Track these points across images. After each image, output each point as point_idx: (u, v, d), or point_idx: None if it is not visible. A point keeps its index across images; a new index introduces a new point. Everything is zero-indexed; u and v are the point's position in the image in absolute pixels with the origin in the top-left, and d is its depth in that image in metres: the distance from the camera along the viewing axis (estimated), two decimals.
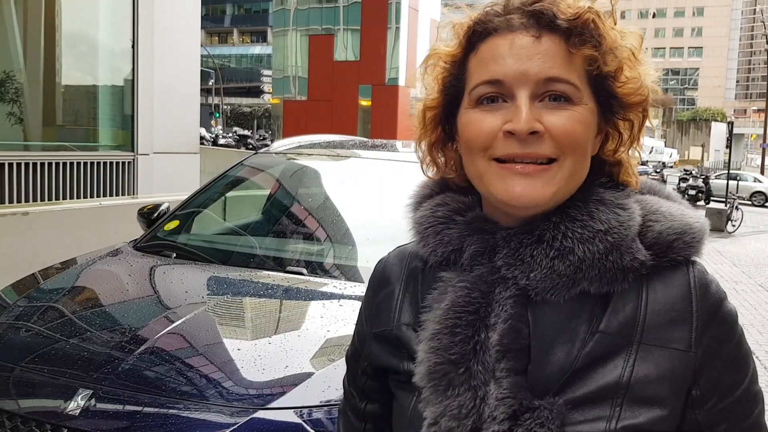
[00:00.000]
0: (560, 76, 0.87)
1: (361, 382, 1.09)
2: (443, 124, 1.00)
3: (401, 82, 26.95)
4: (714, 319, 0.89)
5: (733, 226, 17.62)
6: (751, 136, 74.93)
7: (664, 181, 29.65)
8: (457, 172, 1.03)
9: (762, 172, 41.54)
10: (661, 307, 0.88)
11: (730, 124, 28.01)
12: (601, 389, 0.85)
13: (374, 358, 1.04)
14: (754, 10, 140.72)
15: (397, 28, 26.80)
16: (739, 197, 22.67)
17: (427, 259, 1.00)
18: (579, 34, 0.88)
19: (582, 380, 0.86)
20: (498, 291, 0.90)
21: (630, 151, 0.98)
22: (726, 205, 18.48)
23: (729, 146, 27.72)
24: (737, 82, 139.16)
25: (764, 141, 44.08)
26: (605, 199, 0.92)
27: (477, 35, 0.93)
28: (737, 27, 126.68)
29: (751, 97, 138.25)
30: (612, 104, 0.94)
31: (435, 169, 1.05)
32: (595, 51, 0.89)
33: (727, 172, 25.62)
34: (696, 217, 0.95)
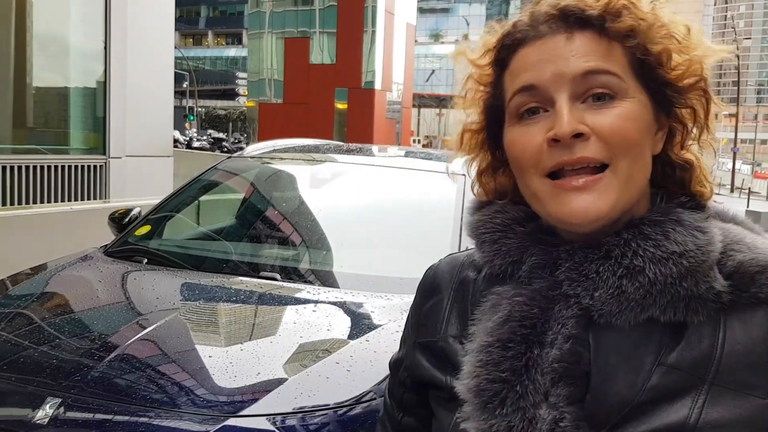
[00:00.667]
0: (598, 67, 0.81)
1: (399, 394, 1.05)
2: (492, 150, 0.96)
3: (377, 86, 27.01)
4: None
5: None
6: (723, 140, 76.25)
7: None
8: (507, 198, 0.98)
9: (733, 175, 42.21)
10: (740, 348, 0.79)
11: None
12: (665, 428, 0.78)
13: (415, 369, 0.99)
14: (725, 16, 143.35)
15: (373, 32, 26.86)
16: None
17: (482, 268, 0.94)
18: (613, 19, 0.83)
19: (644, 416, 0.79)
20: (558, 309, 0.83)
21: (703, 155, 0.90)
22: None
23: None
24: None
25: (735, 145, 44.82)
26: (683, 220, 0.83)
27: (506, 50, 0.89)
28: (709, 33, 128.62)
29: (722, 102, 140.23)
30: (666, 92, 0.86)
31: (485, 194, 1.00)
32: (635, 34, 0.83)
33: None
34: None
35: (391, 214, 3.33)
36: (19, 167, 7.07)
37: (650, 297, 0.80)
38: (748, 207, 22.15)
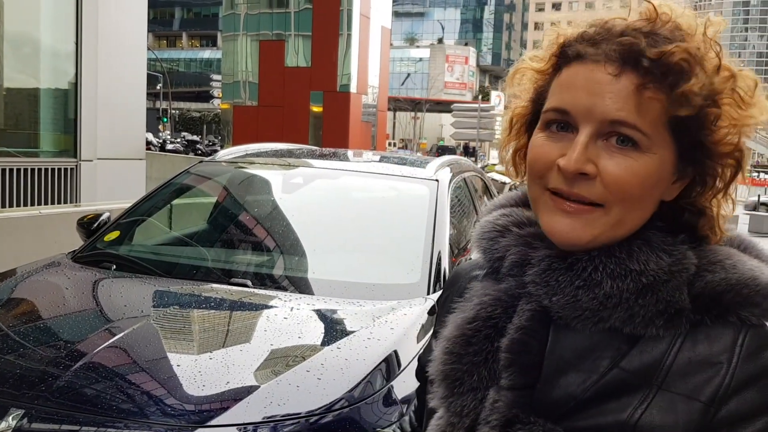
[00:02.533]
0: (627, 120, 0.82)
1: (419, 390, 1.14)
2: (528, 133, 0.97)
3: (353, 89, 26.98)
4: (754, 384, 0.80)
5: None
6: None
7: None
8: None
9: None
10: (693, 356, 0.81)
11: None
12: (606, 425, 0.81)
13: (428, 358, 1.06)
14: None
15: (349, 35, 26.83)
16: None
17: (482, 266, 1.01)
18: (658, 74, 0.82)
19: (587, 411, 0.82)
20: (521, 303, 0.90)
21: (721, 204, 0.89)
22: None
23: None
24: None
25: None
26: (651, 241, 0.86)
27: (565, 57, 0.89)
28: None
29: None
30: (698, 151, 0.86)
31: (515, 173, 1.03)
32: (681, 94, 0.82)
33: None
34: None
35: (365, 220, 3.32)
36: None
37: (605, 309, 0.84)
38: None
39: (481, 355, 0.90)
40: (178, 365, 2.13)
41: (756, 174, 52.10)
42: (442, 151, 44.69)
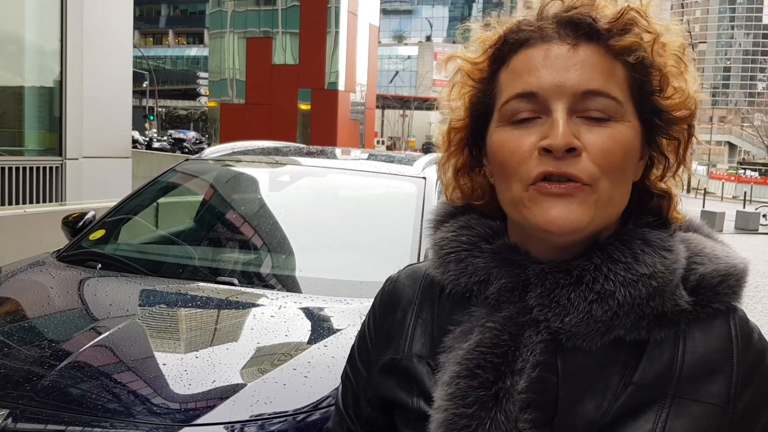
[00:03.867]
0: (600, 88, 0.80)
1: (366, 413, 1.01)
2: (470, 147, 0.94)
3: (341, 87, 26.98)
4: (757, 373, 0.82)
5: None
6: None
7: None
8: (485, 199, 0.96)
9: (689, 177, 43.04)
10: (698, 357, 0.81)
11: None
12: None
13: (381, 388, 0.97)
14: (682, 20, 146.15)
15: (337, 33, 26.81)
16: None
17: (446, 287, 0.92)
18: (620, 35, 0.81)
19: None
20: (527, 334, 0.83)
21: (679, 179, 0.91)
22: None
23: None
24: None
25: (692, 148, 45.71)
26: (651, 240, 0.84)
27: (508, 47, 0.86)
28: None
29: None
30: (656, 120, 0.86)
31: (460, 194, 0.97)
32: (638, 55, 0.82)
33: None
34: (740, 258, 0.88)
35: (352, 217, 3.32)
36: None
37: (617, 319, 0.81)
38: (703, 207, 22.67)
39: (491, 390, 0.82)
40: (164, 364, 2.12)
41: (742, 171, 52.48)
42: (427, 148, 44.71)
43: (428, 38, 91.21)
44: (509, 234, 0.90)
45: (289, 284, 2.85)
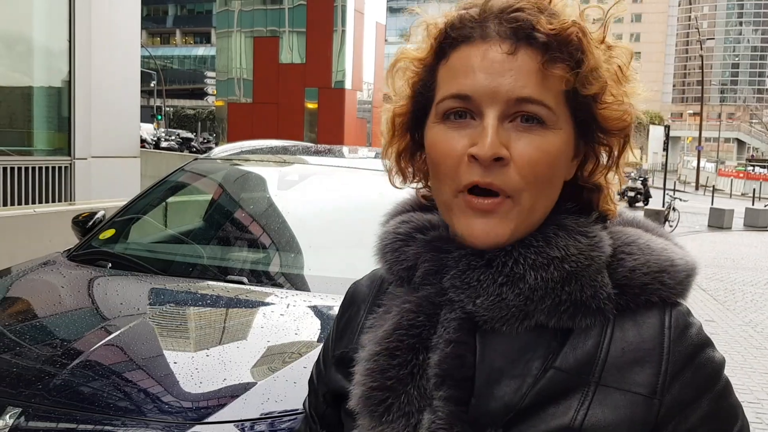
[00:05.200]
0: (533, 96, 0.80)
1: (321, 410, 1.03)
2: (412, 132, 0.94)
3: (348, 86, 26.94)
4: (689, 365, 0.80)
5: (671, 226, 18.15)
6: (687, 138, 77.45)
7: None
8: (426, 184, 0.97)
9: (698, 173, 42.97)
10: (625, 346, 0.80)
11: (667, 128, 28.91)
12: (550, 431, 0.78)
13: (332, 382, 0.99)
14: (689, 17, 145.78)
15: (343, 31, 26.77)
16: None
17: (388, 278, 0.95)
18: (558, 50, 0.81)
19: (530, 420, 0.79)
20: (443, 313, 0.85)
21: (609, 176, 0.91)
22: (663, 206, 19.05)
23: (666, 149, 28.60)
24: (674, 86, 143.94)
25: (699, 144, 45.62)
26: (566, 225, 0.85)
27: (449, 41, 0.85)
28: (673, 33, 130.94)
29: (687, 101, 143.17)
30: (591, 127, 0.87)
31: (402, 178, 0.99)
32: (575, 70, 0.82)
33: (664, 174, 26.41)
34: (681, 254, 0.87)
35: (360, 216, 3.32)
36: None
37: (531, 303, 0.82)
38: (712, 204, 22.59)
39: (407, 368, 0.83)
40: (175, 362, 2.13)
41: (751, 168, 52.20)
42: None
43: None
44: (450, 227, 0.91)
45: (298, 283, 2.85)
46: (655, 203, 22.76)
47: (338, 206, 3.40)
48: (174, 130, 44.53)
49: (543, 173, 0.81)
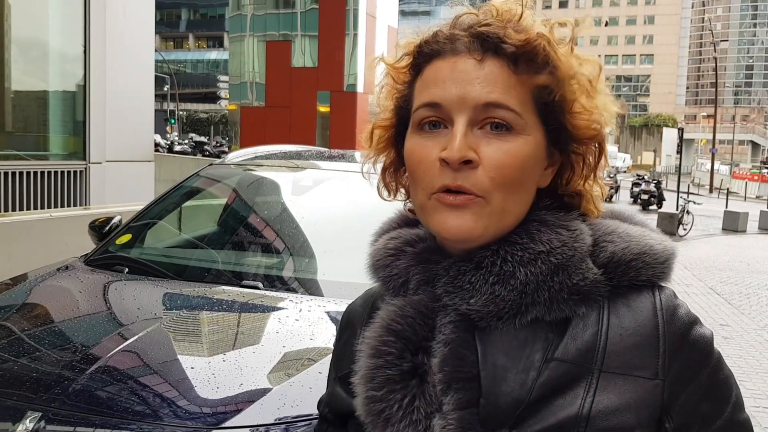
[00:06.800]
0: (499, 101, 0.83)
1: (322, 430, 1.05)
2: (396, 148, 0.98)
3: (360, 89, 26.98)
4: (684, 344, 0.84)
5: (684, 229, 18.04)
6: (701, 141, 76.98)
7: (618, 186, 30.22)
8: (408, 197, 1.01)
9: (711, 176, 42.67)
10: (623, 332, 0.83)
11: (681, 130, 28.80)
12: (560, 423, 0.80)
13: (335, 402, 1.01)
14: (703, 18, 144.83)
15: (355, 35, 26.84)
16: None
17: (383, 295, 0.96)
18: (526, 61, 0.85)
19: (539, 413, 0.80)
20: (439, 319, 0.87)
21: (588, 186, 0.93)
22: (677, 209, 18.93)
23: (680, 151, 28.46)
24: (687, 88, 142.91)
25: (713, 146, 45.30)
26: (547, 221, 0.88)
27: (423, 57, 0.90)
28: (687, 35, 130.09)
29: (700, 103, 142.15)
30: (563, 136, 0.90)
31: (387, 193, 1.03)
32: (544, 79, 0.85)
33: (677, 176, 26.23)
34: (659, 239, 0.90)
35: (373, 221, 3.33)
36: None
37: (526, 296, 0.84)
38: (726, 207, 22.41)
39: (402, 367, 0.85)
40: (191, 367, 2.15)
41: (766, 171, 51.77)
42: None
43: None
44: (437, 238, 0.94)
45: (312, 288, 2.87)
46: (669, 206, 22.61)
47: (352, 211, 3.42)
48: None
49: (511, 176, 0.84)
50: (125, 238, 3.30)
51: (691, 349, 0.84)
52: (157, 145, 26.55)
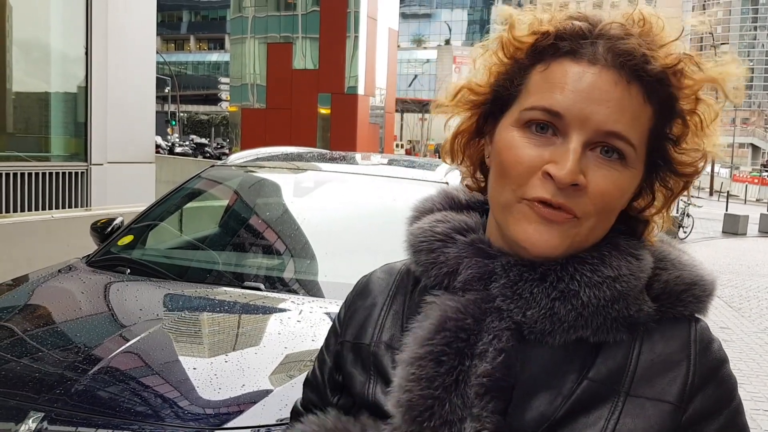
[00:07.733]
0: (623, 133, 0.79)
1: (333, 378, 1.01)
2: (479, 120, 0.92)
3: (360, 91, 27.01)
4: (713, 379, 0.82)
5: (685, 232, 18.03)
6: None
7: None
8: (472, 174, 0.97)
9: (712, 179, 42.64)
10: (654, 357, 0.82)
11: None
12: None
13: (344, 366, 0.98)
14: (702, 22, 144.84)
15: (356, 37, 26.87)
16: None
17: (419, 279, 0.93)
18: (659, 88, 0.81)
19: (562, 430, 0.80)
20: (489, 320, 0.83)
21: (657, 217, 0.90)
22: (677, 212, 18.92)
23: None
24: None
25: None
26: (619, 245, 0.85)
27: (553, 49, 0.82)
28: (687, 38, 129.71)
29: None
30: (661, 167, 0.86)
31: (451, 159, 0.97)
32: (667, 110, 0.82)
33: None
34: (707, 270, 0.88)
35: (375, 222, 3.34)
36: None
37: (582, 319, 0.82)
38: (726, 210, 22.41)
39: (453, 375, 0.82)
40: (193, 368, 2.15)
41: (766, 173, 51.77)
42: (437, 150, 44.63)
43: (447, 42, 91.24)
44: (487, 229, 0.91)
45: (313, 289, 2.87)
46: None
47: (353, 213, 3.42)
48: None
49: (611, 205, 0.82)
50: (127, 239, 3.31)
51: (718, 385, 0.83)
52: (158, 146, 26.56)
